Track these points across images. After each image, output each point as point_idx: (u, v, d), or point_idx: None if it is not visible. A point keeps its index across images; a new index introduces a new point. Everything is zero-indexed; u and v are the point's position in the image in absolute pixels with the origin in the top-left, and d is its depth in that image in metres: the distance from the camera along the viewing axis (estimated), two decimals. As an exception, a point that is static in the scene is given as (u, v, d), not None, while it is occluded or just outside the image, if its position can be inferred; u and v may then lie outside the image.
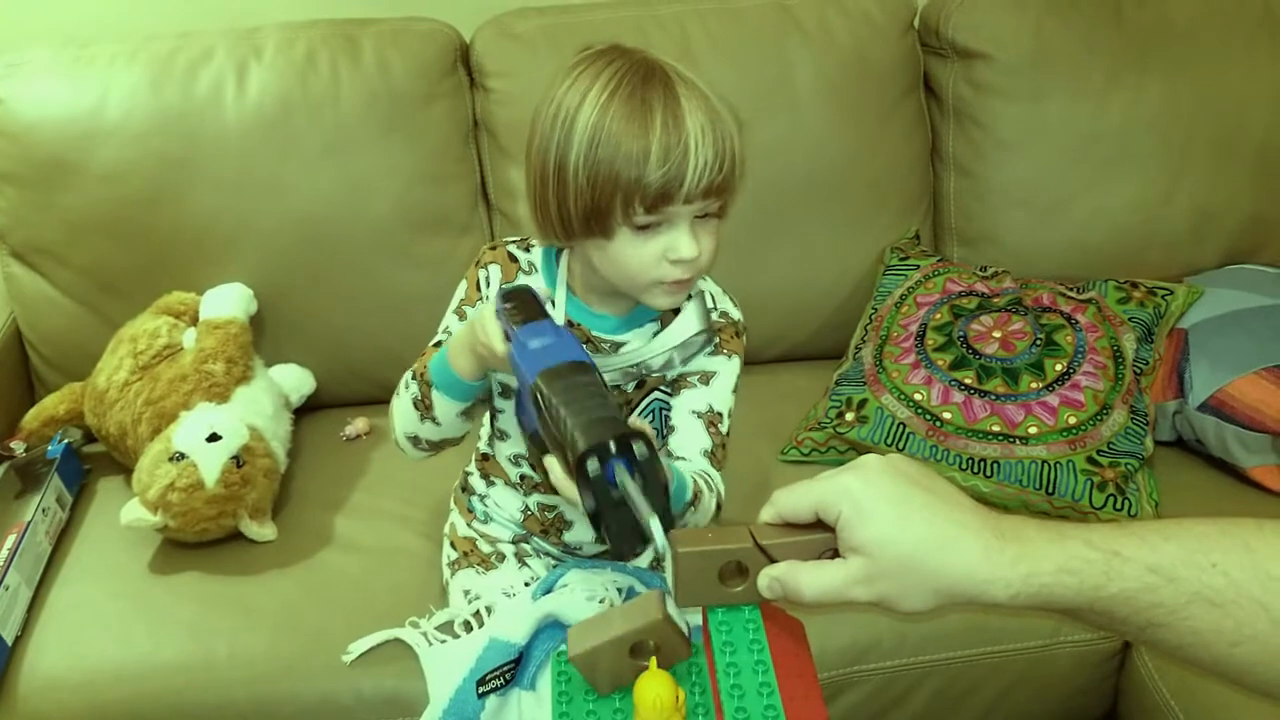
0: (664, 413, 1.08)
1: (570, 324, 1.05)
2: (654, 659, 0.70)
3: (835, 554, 0.66)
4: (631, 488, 0.74)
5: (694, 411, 1.05)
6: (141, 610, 1.22)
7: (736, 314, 1.09)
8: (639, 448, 0.75)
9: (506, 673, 1.05)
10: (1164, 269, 1.62)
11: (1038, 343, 1.42)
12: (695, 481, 0.98)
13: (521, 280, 1.07)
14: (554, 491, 0.90)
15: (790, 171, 1.61)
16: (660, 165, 0.89)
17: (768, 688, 0.67)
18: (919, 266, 1.58)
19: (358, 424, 1.55)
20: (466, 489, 1.22)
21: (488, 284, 1.08)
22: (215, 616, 1.20)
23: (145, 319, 1.46)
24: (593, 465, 0.74)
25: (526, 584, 1.16)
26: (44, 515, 1.30)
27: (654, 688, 0.68)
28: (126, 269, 1.52)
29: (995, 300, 1.49)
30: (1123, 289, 1.51)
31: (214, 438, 1.27)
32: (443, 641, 1.12)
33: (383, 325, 1.56)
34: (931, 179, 1.70)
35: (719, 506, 1.03)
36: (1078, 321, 1.44)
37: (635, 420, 0.98)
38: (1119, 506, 1.30)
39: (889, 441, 1.38)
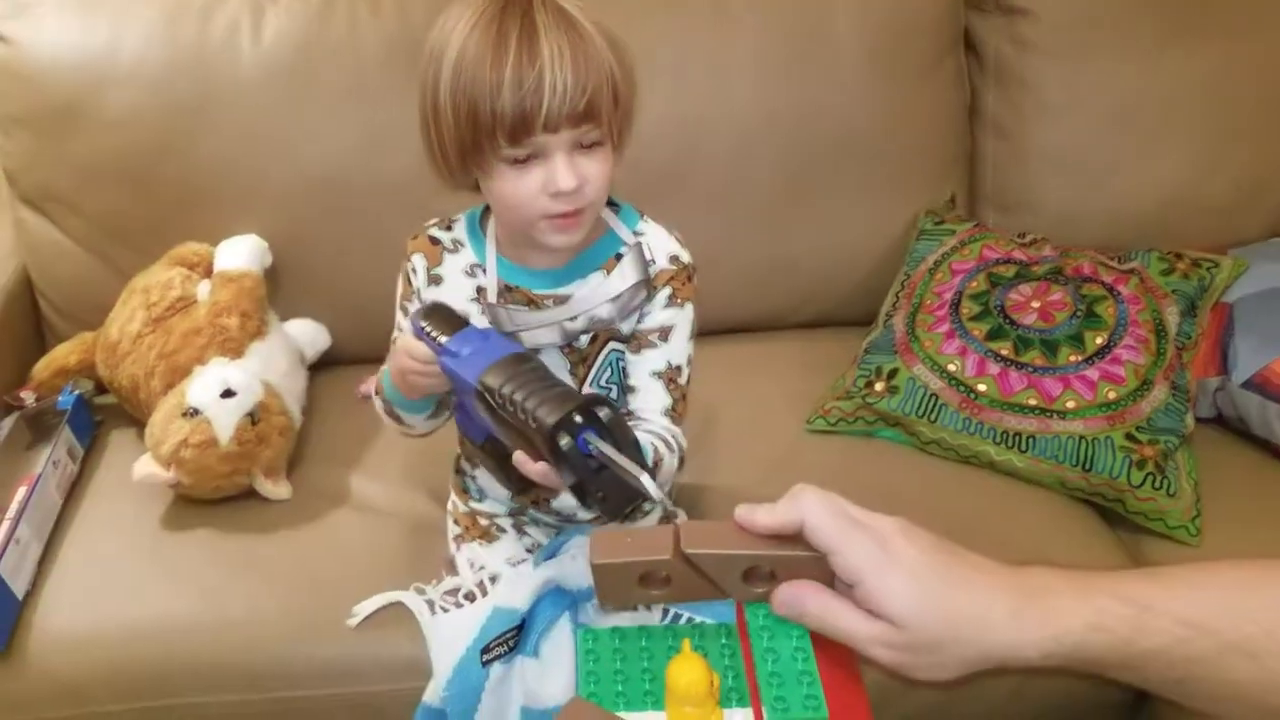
0: (621, 364, 1.04)
1: (508, 288, 1.02)
2: (686, 641, 0.67)
3: (772, 575, 0.65)
4: (610, 451, 0.76)
5: (654, 372, 1.02)
6: (154, 567, 1.20)
7: (686, 257, 1.03)
8: (603, 412, 0.78)
9: (510, 640, 1.04)
10: (1207, 240, 1.56)
11: (1078, 314, 1.37)
12: (655, 447, 0.96)
13: (447, 260, 1.05)
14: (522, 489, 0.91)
15: (822, 130, 1.55)
16: (515, 93, 0.86)
17: (808, 676, 0.64)
18: (954, 232, 1.52)
19: (373, 381, 1.51)
20: (459, 470, 1.20)
21: (415, 275, 1.05)
22: (229, 575, 1.18)
23: (158, 269, 1.43)
24: (565, 440, 0.77)
25: (529, 550, 1.15)
26: (55, 468, 1.27)
27: (687, 672, 0.64)
28: (138, 217, 1.48)
29: (1034, 269, 1.44)
30: (1166, 260, 1.45)
31: (228, 394, 1.24)
32: (446, 611, 1.10)
33: (401, 281, 1.53)
34: (969, 141, 1.64)
35: (682, 460, 1.02)
36: (1120, 293, 1.39)
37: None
38: (1158, 485, 1.26)
39: (920, 413, 1.34)
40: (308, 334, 1.52)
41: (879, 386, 1.38)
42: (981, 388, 1.33)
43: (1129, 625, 0.59)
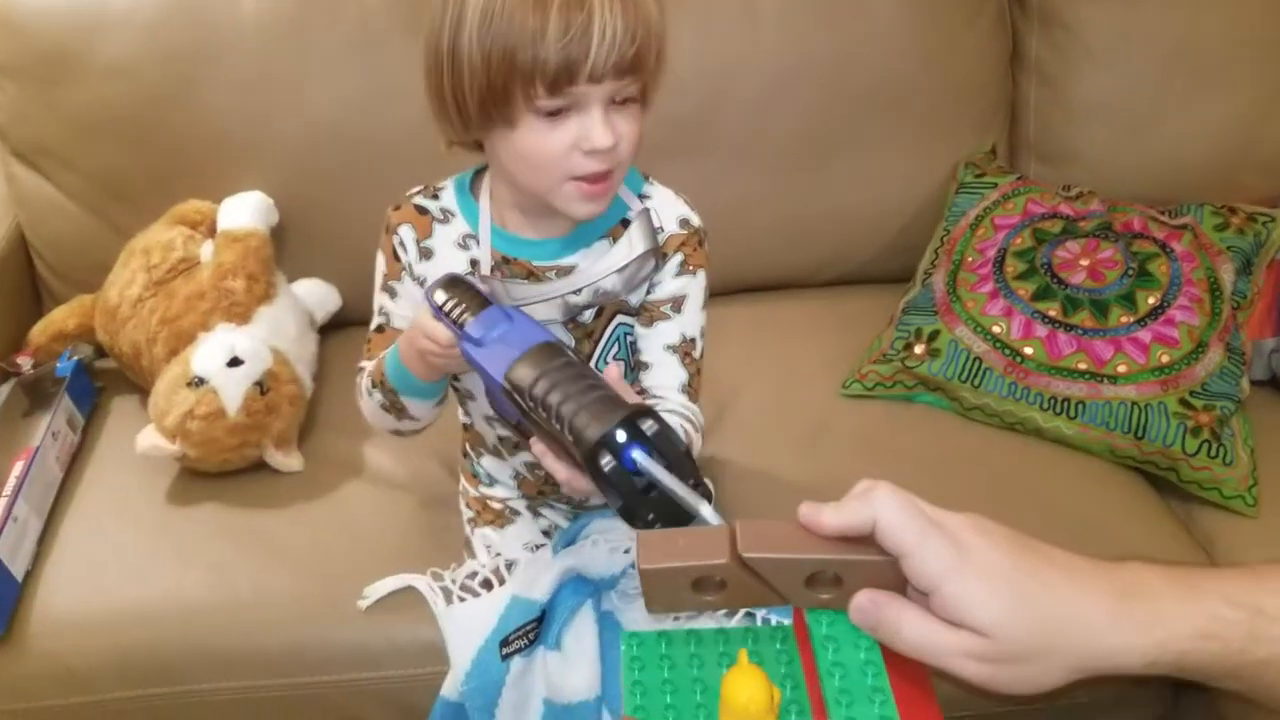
0: (629, 339, 0.97)
1: (506, 260, 0.94)
2: (743, 652, 0.61)
3: (838, 579, 0.59)
4: (659, 472, 0.68)
5: (668, 346, 0.95)
6: (160, 545, 1.14)
7: (697, 220, 0.96)
8: (647, 424, 0.70)
9: (530, 633, 0.98)
10: (1259, 192, 1.48)
11: (1129, 273, 1.30)
12: (686, 430, 0.90)
13: (438, 232, 0.96)
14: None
15: (856, 77, 1.47)
16: (560, 38, 0.78)
17: (881, 694, 0.58)
18: (996, 185, 1.44)
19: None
20: (466, 454, 1.14)
21: (404, 249, 0.97)
22: (238, 553, 1.13)
23: (159, 229, 1.36)
24: (607, 461, 0.69)
25: (545, 533, 1.09)
26: (54, 439, 1.22)
27: (746, 687, 0.58)
28: (136, 173, 1.42)
29: (1082, 224, 1.36)
30: (1220, 214, 1.37)
31: (235, 362, 1.18)
32: (463, 600, 1.04)
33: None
34: (1010, 88, 1.55)
35: (701, 439, 0.96)
36: (1173, 250, 1.32)
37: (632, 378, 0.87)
38: (1213, 453, 1.19)
39: (963, 378, 1.27)
40: (317, 295, 1.45)
41: (919, 349, 1.31)
42: (1028, 351, 1.27)
43: (1242, 632, 0.54)
